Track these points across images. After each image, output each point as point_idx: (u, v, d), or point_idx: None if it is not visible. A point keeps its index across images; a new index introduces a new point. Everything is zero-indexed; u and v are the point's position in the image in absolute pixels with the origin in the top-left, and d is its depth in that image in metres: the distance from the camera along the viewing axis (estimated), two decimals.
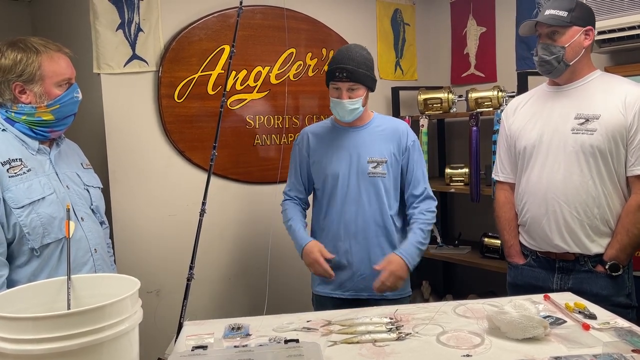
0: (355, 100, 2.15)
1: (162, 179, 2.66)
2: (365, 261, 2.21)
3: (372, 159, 2.21)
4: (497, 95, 2.99)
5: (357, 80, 2.12)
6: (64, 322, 1.01)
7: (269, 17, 2.94)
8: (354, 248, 2.22)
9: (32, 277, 1.62)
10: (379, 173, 2.20)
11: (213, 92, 2.75)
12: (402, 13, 3.61)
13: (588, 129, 1.94)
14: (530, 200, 2.09)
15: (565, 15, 1.95)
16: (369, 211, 2.20)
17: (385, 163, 2.20)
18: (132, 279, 1.23)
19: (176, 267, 2.62)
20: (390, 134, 2.24)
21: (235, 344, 1.47)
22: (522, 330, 1.41)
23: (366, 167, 2.20)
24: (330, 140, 2.28)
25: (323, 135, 2.31)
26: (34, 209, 1.61)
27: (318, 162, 2.29)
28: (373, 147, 2.22)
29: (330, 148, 2.27)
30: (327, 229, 2.27)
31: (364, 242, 2.21)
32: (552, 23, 1.96)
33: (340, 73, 2.11)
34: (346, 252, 2.23)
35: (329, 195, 2.26)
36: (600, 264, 1.99)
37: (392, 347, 1.43)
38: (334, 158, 2.24)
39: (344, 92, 2.13)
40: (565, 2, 1.98)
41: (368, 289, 2.20)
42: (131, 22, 2.49)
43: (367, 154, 2.21)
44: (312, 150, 2.31)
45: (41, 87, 1.66)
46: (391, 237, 2.23)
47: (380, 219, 2.21)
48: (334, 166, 2.24)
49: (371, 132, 2.26)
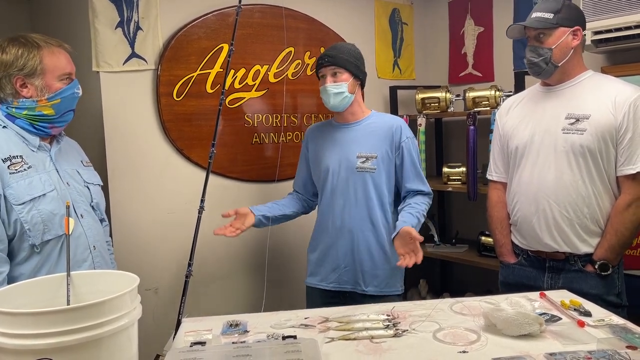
0: (339, 84, 2.20)
1: (161, 177, 2.66)
2: (349, 254, 2.26)
3: (361, 154, 2.24)
4: (494, 94, 3.00)
5: (338, 64, 2.20)
6: (63, 317, 1.02)
7: (267, 15, 2.95)
8: (339, 241, 2.27)
9: (32, 274, 1.62)
10: (367, 168, 2.23)
11: (212, 91, 2.76)
12: (400, 12, 3.62)
13: (578, 128, 1.95)
14: (521, 200, 2.10)
15: (551, 17, 1.96)
16: (355, 206, 2.25)
17: (375, 159, 2.23)
18: (131, 276, 1.24)
19: (175, 264, 2.63)
20: (384, 131, 2.27)
21: (233, 340, 1.48)
22: (518, 327, 1.42)
23: (355, 162, 2.24)
24: (326, 136, 2.35)
25: (321, 132, 2.39)
26: (34, 206, 1.62)
27: (314, 157, 2.37)
28: (364, 142, 2.26)
29: (325, 144, 2.34)
30: (319, 221, 2.37)
31: (349, 235, 2.25)
32: (538, 26, 1.98)
33: (322, 59, 2.23)
34: (332, 245, 2.29)
35: (322, 188, 2.34)
36: (590, 264, 2.00)
37: (389, 344, 1.44)
38: (326, 153, 2.31)
39: (328, 77, 2.21)
40: (552, 3, 1.98)
41: (351, 282, 2.28)
42: (130, 20, 2.50)
43: (357, 149, 2.25)
44: (310, 147, 2.41)
45: (42, 81, 1.68)
46: (378, 232, 2.26)
47: (366, 214, 2.25)
48: (325, 161, 2.30)
49: (364, 129, 2.29)
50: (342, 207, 2.26)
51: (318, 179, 2.36)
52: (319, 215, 2.39)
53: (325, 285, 2.32)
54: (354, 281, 2.28)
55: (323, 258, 2.32)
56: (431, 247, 3.36)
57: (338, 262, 2.28)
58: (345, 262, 2.27)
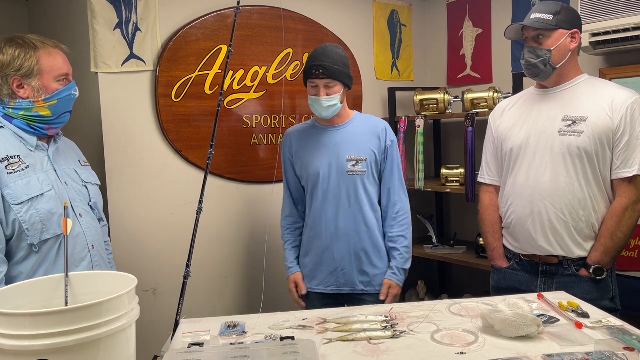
0: (333, 97, 2.19)
1: (159, 178, 2.66)
2: (346, 257, 2.27)
3: (351, 157, 2.25)
4: (492, 96, 3.01)
5: (333, 77, 2.17)
6: (61, 318, 1.02)
7: (266, 17, 2.95)
8: (334, 245, 2.27)
9: (30, 273, 1.63)
10: (358, 171, 2.24)
11: (210, 92, 2.76)
12: (399, 14, 3.63)
13: (575, 130, 1.95)
14: (515, 202, 2.09)
15: (551, 19, 1.96)
16: (348, 209, 2.25)
17: (364, 161, 2.24)
18: (130, 277, 1.24)
19: (173, 265, 2.62)
20: (370, 133, 2.28)
21: (232, 341, 1.48)
22: (516, 329, 1.42)
23: (345, 165, 2.24)
24: (311, 139, 2.32)
25: (304, 135, 2.36)
26: (33, 205, 1.62)
27: (301, 161, 2.33)
28: (352, 145, 2.26)
29: (311, 147, 2.31)
30: (311, 226, 2.33)
31: (345, 238, 2.26)
32: (538, 26, 1.97)
33: (317, 70, 2.17)
34: (327, 249, 2.29)
35: (311, 193, 2.31)
36: (584, 268, 1.99)
37: (387, 345, 1.44)
38: (314, 157, 2.29)
39: (322, 89, 2.18)
40: (551, 5, 1.99)
41: (349, 284, 2.29)
42: (129, 21, 2.50)
43: (347, 153, 2.25)
44: (294, 151, 2.36)
45: (39, 82, 1.68)
46: (372, 233, 2.28)
47: (360, 217, 2.26)
48: (314, 165, 2.28)
49: (350, 131, 2.29)
50: (335, 211, 2.26)
51: (307, 182, 2.33)
52: (309, 219, 2.34)
53: (324, 289, 2.32)
54: (351, 283, 2.28)
55: (319, 262, 2.31)
56: (429, 249, 3.36)
57: (335, 266, 2.28)
58: (342, 265, 2.28)
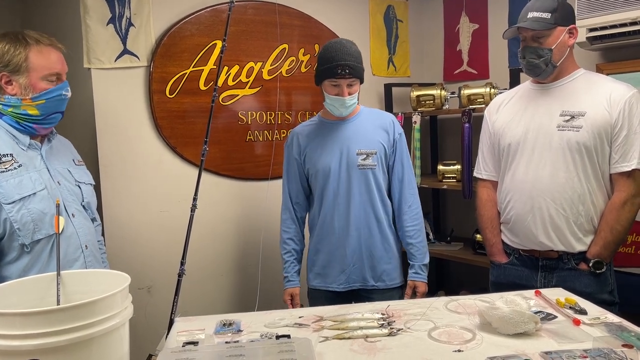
0: (354, 95, 2.19)
1: (154, 175, 2.64)
2: (357, 253, 2.25)
3: (361, 151, 2.22)
4: (489, 92, 3.00)
5: (357, 75, 2.16)
6: (53, 317, 1.01)
7: (261, 12, 2.93)
8: (346, 241, 2.24)
9: (22, 273, 1.60)
10: (368, 165, 2.22)
11: (205, 88, 2.74)
12: (395, 9, 3.61)
13: (574, 125, 1.95)
14: (515, 198, 2.08)
15: (549, 17, 1.94)
16: (360, 203, 2.23)
17: (374, 155, 2.22)
18: (123, 275, 1.23)
19: (167, 263, 2.61)
20: (378, 126, 2.27)
21: (227, 339, 1.47)
22: (513, 326, 1.42)
23: (355, 159, 2.22)
24: (320, 135, 2.30)
25: (312, 132, 2.32)
26: (24, 205, 1.60)
27: (309, 158, 2.29)
28: (362, 139, 2.24)
29: (320, 143, 2.28)
30: (321, 223, 2.29)
31: (356, 233, 2.24)
32: (538, 27, 1.95)
33: (343, 70, 2.11)
34: (339, 246, 2.26)
35: (322, 189, 2.27)
36: (583, 262, 1.99)
37: (383, 343, 1.43)
38: (324, 153, 2.26)
39: (344, 88, 2.15)
40: (547, 2, 1.96)
41: (360, 280, 2.27)
42: (122, 16, 2.47)
43: (356, 146, 2.23)
44: (303, 149, 2.32)
45: (27, 79, 1.65)
46: (382, 227, 2.26)
47: (371, 211, 2.24)
48: (324, 161, 2.25)
49: (359, 125, 2.27)
50: (346, 206, 2.23)
51: (315, 179, 2.29)
52: (320, 216, 2.29)
53: (336, 287, 2.28)
54: (362, 278, 2.26)
55: (330, 259, 2.27)
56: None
57: (347, 262, 2.25)
58: (354, 261, 2.25)
